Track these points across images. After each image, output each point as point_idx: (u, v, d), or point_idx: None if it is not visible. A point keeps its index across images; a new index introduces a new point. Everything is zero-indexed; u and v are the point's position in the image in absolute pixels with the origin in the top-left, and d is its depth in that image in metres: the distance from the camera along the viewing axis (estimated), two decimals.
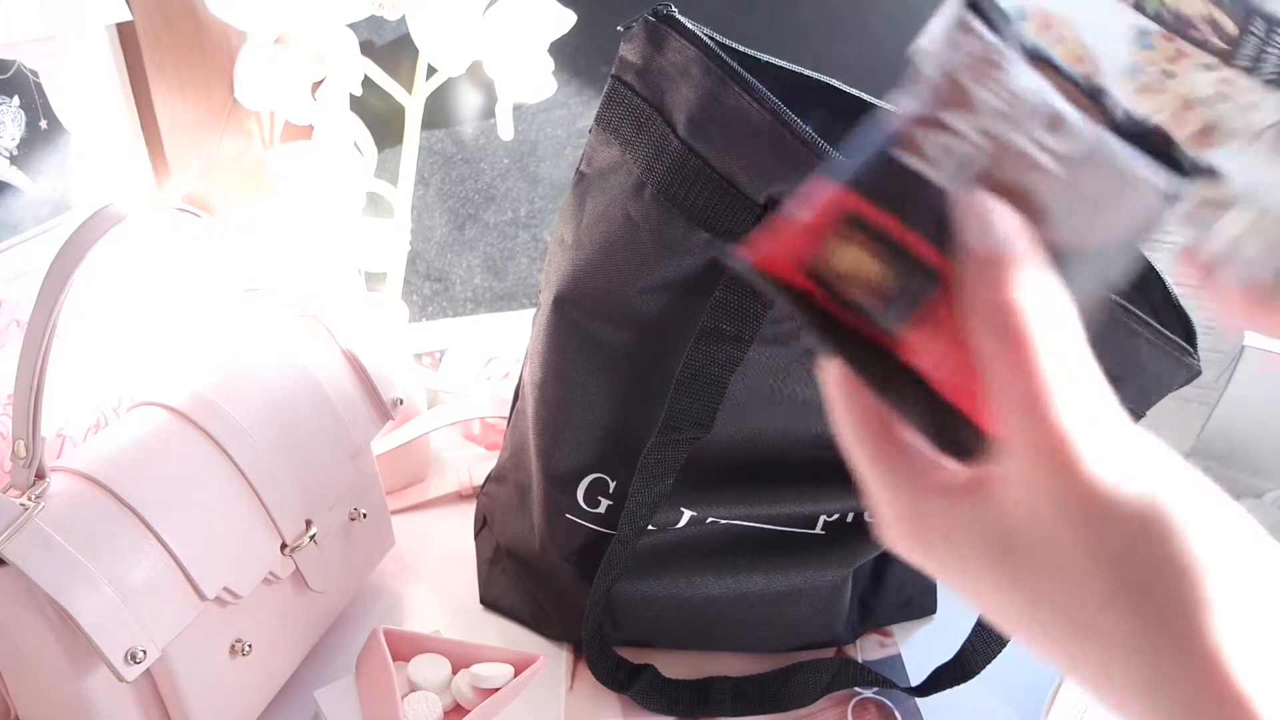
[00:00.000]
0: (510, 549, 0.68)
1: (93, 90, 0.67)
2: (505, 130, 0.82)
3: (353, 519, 0.64)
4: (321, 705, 0.59)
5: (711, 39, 0.50)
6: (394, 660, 0.60)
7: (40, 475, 0.47)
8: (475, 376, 0.87)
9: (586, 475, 0.59)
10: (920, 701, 0.62)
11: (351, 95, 0.77)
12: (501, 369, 0.88)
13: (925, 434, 0.27)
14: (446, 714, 0.59)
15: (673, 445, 0.53)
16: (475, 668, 0.60)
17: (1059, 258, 0.26)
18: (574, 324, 0.55)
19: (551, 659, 0.64)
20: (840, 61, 0.98)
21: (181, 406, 0.53)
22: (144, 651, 0.46)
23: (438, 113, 0.92)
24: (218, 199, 0.77)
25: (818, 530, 0.60)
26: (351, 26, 0.74)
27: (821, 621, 0.65)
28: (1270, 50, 0.33)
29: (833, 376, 0.28)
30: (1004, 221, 0.25)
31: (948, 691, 0.60)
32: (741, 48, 0.54)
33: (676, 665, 0.63)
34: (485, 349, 0.90)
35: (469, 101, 0.93)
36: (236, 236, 0.63)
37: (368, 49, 0.80)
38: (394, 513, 0.73)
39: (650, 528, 0.58)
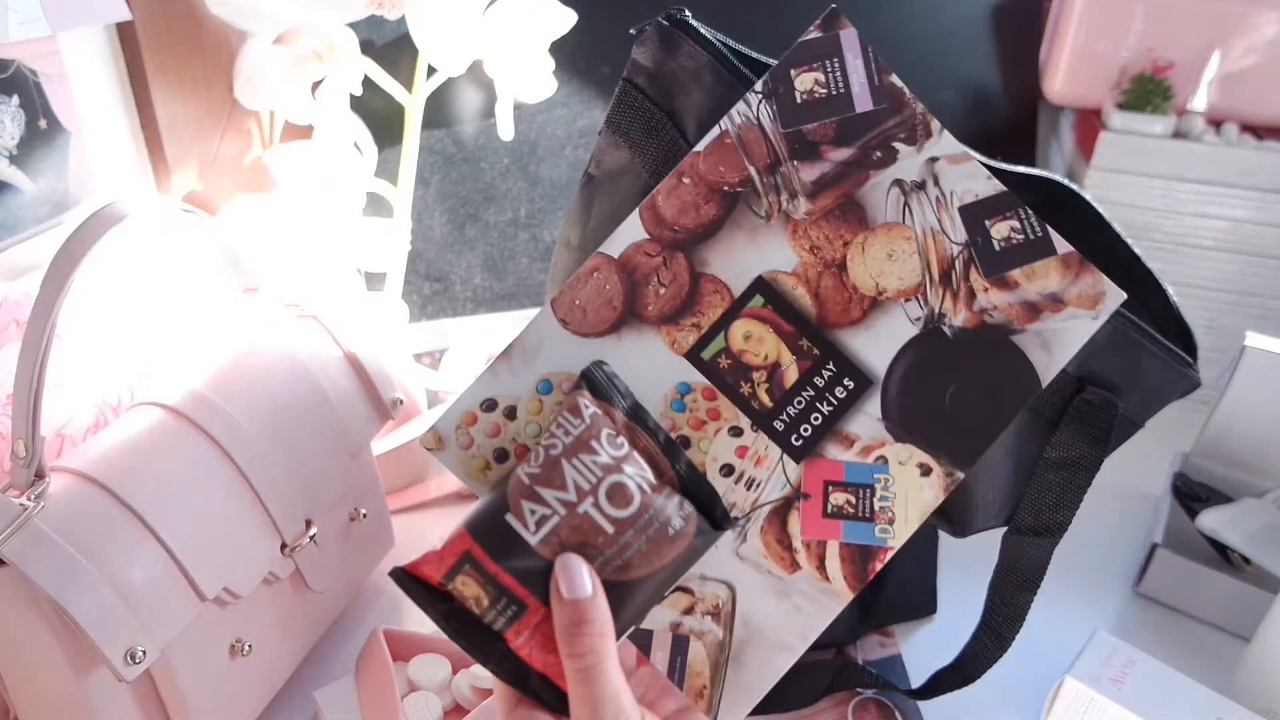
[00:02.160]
0: None
1: (93, 90, 0.67)
2: (505, 130, 0.82)
3: (353, 519, 0.64)
4: (321, 705, 0.59)
5: (725, 44, 0.50)
6: (394, 660, 0.60)
7: (40, 475, 0.47)
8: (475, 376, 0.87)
9: None
10: (921, 701, 0.62)
11: (351, 95, 0.77)
12: None
13: (536, 699, 0.37)
14: (446, 714, 0.59)
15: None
16: (475, 668, 0.60)
17: (619, 584, 0.37)
18: None
19: None
20: None
21: (181, 406, 0.53)
22: (143, 651, 0.46)
23: (438, 113, 0.92)
24: (218, 199, 0.77)
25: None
26: (351, 26, 0.74)
27: None
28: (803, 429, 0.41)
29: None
30: (572, 578, 0.36)
31: None
32: (754, 53, 0.53)
33: None
34: (485, 349, 0.90)
35: (469, 101, 0.93)
36: (236, 236, 0.63)
37: (368, 49, 0.79)
38: (394, 513, 0.73)
39: None
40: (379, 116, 0.82)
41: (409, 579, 0.38)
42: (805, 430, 0.41)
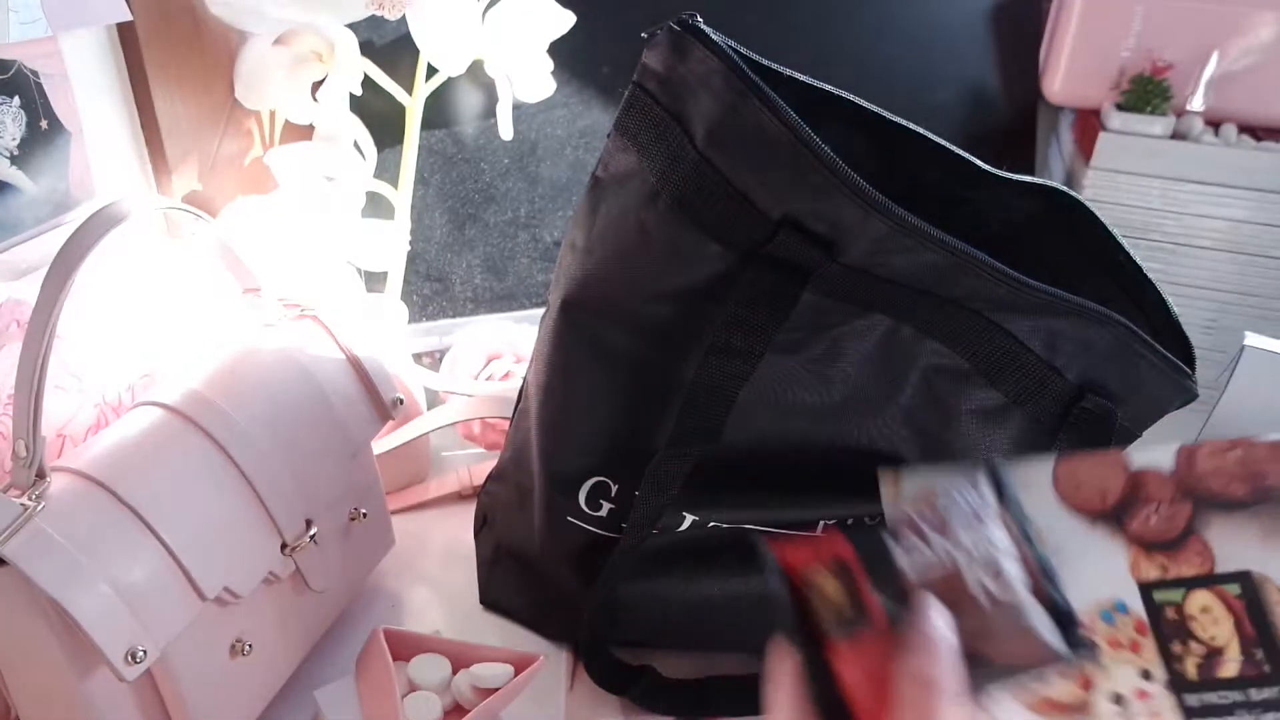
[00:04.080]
0: (510, 549, 0.68)
1: (93, 90, 0.67)
2: (505, 130, 0.82)
3: (353, 519, 0.64)
4: (321, 705, 0.59)
5: (736, 51, 0.49)
6: (394, 660, 0.60)
7: (40, 475, 0.47)
8: (475, 376, 0.87)
9: (588, 479, 0.58)
10: None
11: (351, 95, 0.77)
12: (502, 369, 0.87)
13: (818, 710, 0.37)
14: (446, 714, 0.59)
15: (680, 459, 0.53)
16: (475, 668, 0.60)
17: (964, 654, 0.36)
18: (581, 328, 0.55)
19: (551, 659, 0.64)
20: (839, 57, 0.98)
21: (181, 406, 0.54)
22: (144, 651, 0.46)
23: (438, 113, 0.92)
24: (218, 199, 0.77)
25: (819, 533, 0.60)
26: (351, 26, 0.74)
27: None
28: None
29: (785, 670, 0.38)
30: (938, 618, 0.36)
31: None
32: (764, 60, 0.53)
33: (676, 665, 0.63)
34: (485, 349, 0.90)
35: (469, 101, 0.93)
36: (236, 236, 0.63)
37: (368, 49, 0.79)
38: (394, 513, 0.73)
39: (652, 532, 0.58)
40: (379, 116, 0.82)
41: (775, 560, 0.38)
42: None
